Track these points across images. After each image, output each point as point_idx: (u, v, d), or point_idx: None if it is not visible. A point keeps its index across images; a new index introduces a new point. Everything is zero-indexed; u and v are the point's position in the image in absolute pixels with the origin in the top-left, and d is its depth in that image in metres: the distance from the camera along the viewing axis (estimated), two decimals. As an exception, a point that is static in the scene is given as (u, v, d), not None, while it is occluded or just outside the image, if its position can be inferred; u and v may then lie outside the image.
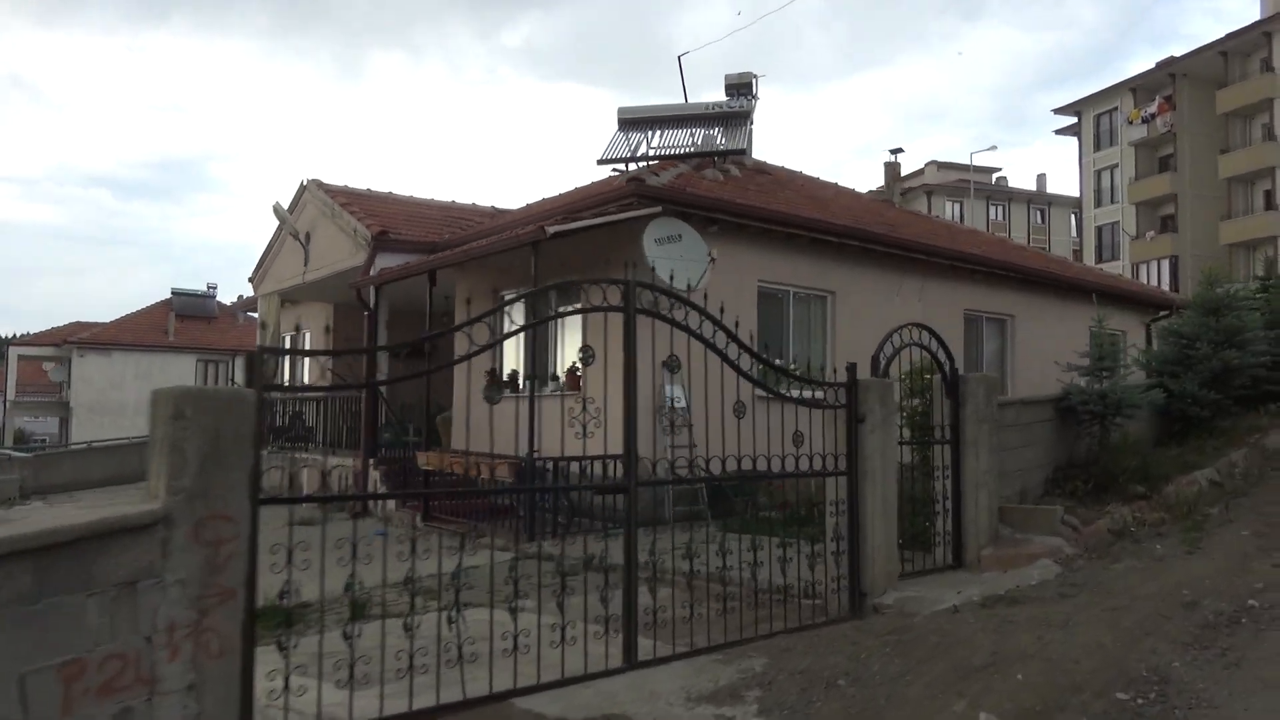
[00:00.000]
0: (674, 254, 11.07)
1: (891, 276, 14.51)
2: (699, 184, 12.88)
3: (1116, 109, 49.56)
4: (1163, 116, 46.33)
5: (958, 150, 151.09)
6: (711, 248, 11.16)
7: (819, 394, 6.92)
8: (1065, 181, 54.19)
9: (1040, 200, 72.68)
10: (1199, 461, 10.29)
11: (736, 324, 6.47)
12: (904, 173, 76.61)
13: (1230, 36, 42.94)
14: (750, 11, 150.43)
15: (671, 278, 11.01)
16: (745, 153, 14.89)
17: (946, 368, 8.13)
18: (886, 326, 14.92)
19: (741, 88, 15.84)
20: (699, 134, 15.35)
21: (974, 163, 53.74)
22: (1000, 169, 78.82)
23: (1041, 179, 76.03)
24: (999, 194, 71.91)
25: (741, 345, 6.40)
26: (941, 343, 8.11)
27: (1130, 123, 48.14)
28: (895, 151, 20.38)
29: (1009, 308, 16.58)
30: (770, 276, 12.89)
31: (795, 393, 6.64)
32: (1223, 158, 43.51)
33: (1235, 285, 28.81)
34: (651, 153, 14.75)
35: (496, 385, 14.15)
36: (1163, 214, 47.60)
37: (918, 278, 14.82)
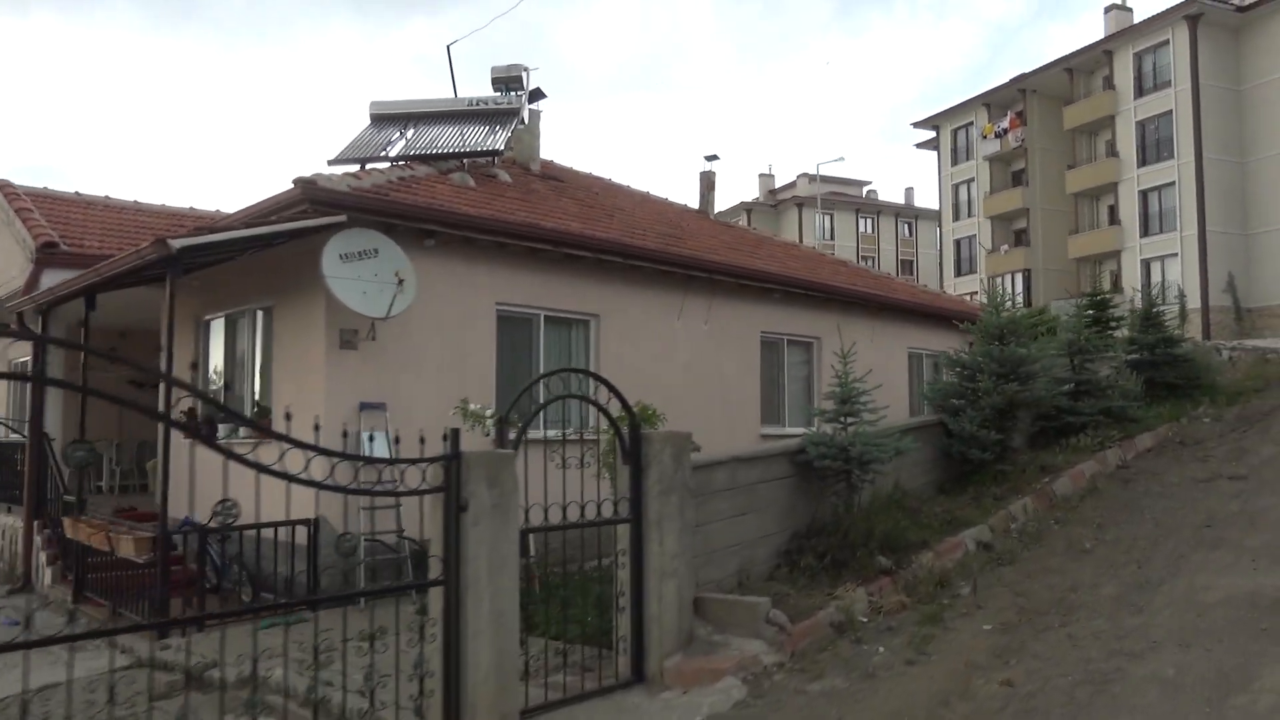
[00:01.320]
0: (365, 273, 9.06)
1: (672, 296, 12.84)
2: (430, 189, 10.91)
3: (972, 124, 50.01)
4: (1014, 132, 46.87)
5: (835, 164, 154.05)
6: (405, 267, 9.17)
7: (423, 472, 5.02)
8: (932, 195, 54.57)
9: (908, 214, 73.69)
10: (971, 517, 8.86)
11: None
12: (777, 185, 77.00)
13: (1075, 54, 43.65)
14: (648, 20, 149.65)
15: (364, 300, 9.05)
16: (500, 153, 12.99)
17: (625, 428, 6.35)
18: (667, 353, 13.47)
19: (510, 81, 13.98)
20: (468, 132, 13.40)
21: (820, 173, 53.49)
22: (870, 182, 79.90)
23: (910, 193, 77.27)
24: (868, 207, 72.56)
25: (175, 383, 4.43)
26: (615, 392, 6.32)
27: (984, 138, 48.60)
28: (710, 159, 18.86)
29: (815, 329, 15.17)
30: (514, 298, 11.01)
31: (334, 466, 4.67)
32: (1070, 173, 44.18)
33: (1060, 302, 27.74)
34: (398, 152, 12.72)
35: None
36: (1016, 228, 48.17)
37: (703, 297, 13.21)
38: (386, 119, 13.77)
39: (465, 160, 12.83)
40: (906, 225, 72.43)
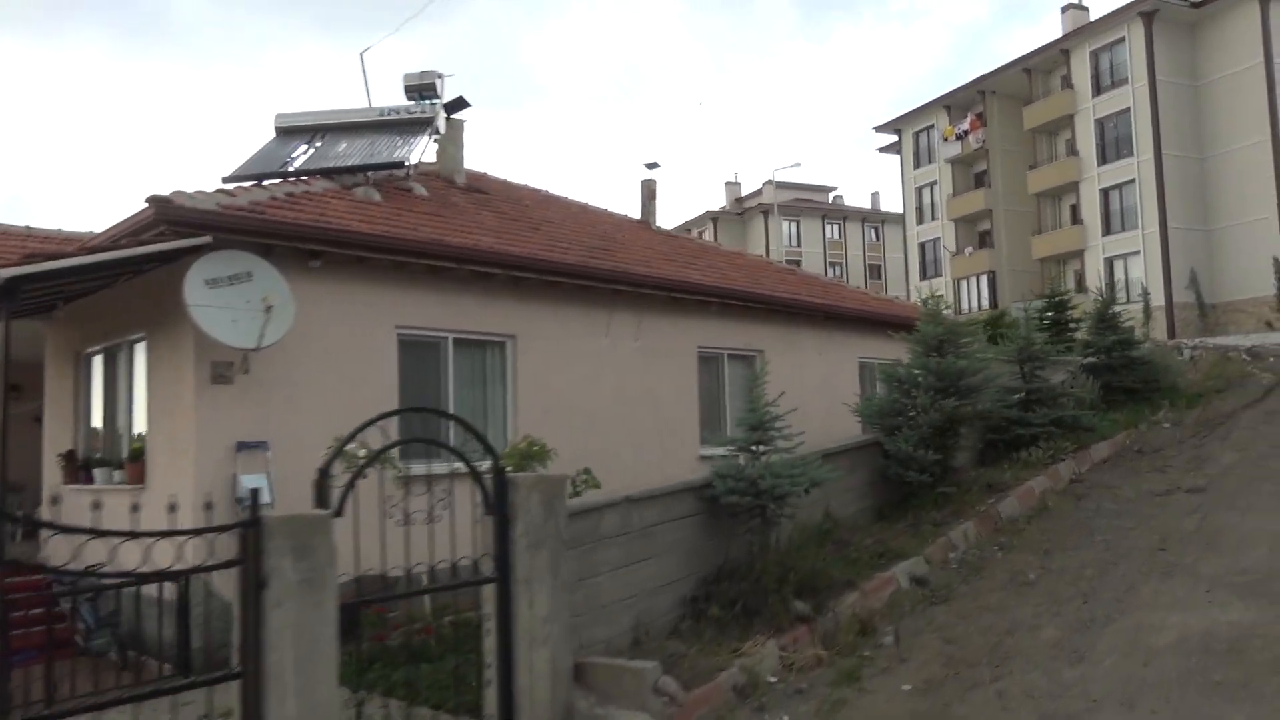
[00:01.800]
0: (236, 300, 8.20)
1: (598, 313, 12.05)
2: (322, 206, 10.06)
3: (933, 126, 49.70)
4: (975, 133, 46.57)
5: (801, 171, 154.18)
6: (279, 291, 8.31)
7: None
8: (899, 199, 54.18)
9: (875, 218, 73.40)
10: (905, 548, 8.11)
11: None
12: (744, 193, 76.57)
13: (1033, 54, 43.43)
14: (618, 32, 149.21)
15: (234, 329, 8.19)
16: (409, 165, 12.14)
17: (486, 472, 5.53)
18: (593, 374, 12.54)
19: (424, 89, 13.16)
20: (379, 143, 12.56)
21: (779, 180, 53.13)
22: (837, 188, 79.75)
23: (876, 197, 77.06)
24: (835, 213, 72.25)
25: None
26: (473, 432, 5.50)
27: (945, 140, 48.28)
28: (651, 166, 18.14)
29: (758, 342, 14.42)
30: (418, 320, 10.16)
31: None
32: (1031, 173, 43.89)
33: (1021, 304, 26.92)
34: (300, 166, 11.86)
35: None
36: (980, 230, 47.84)
37: (633, 313, 12.42)
38: (293, 131, 12.91)
39: (373, 174, 11.99)
40: (873, 230, 72.15)
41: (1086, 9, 43.64)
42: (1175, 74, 38.57)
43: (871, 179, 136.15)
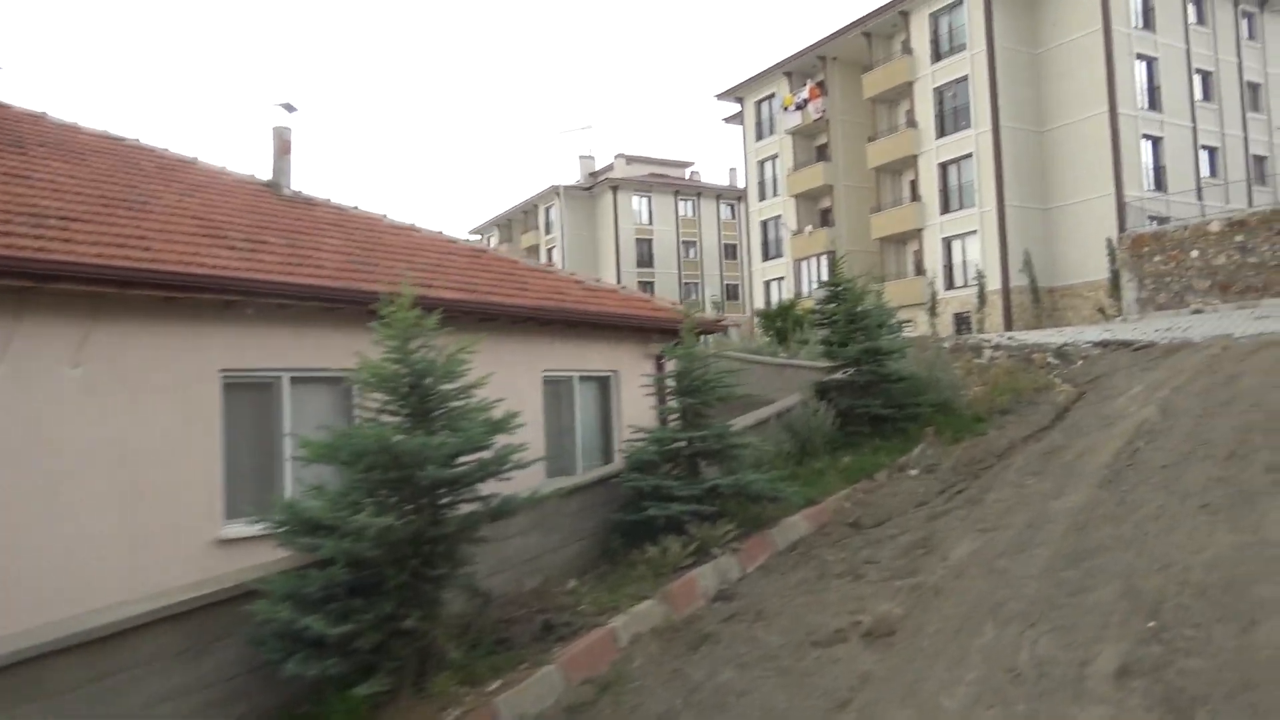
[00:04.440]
0: None
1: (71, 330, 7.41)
2: None
3: (774, 95, 46.20)
4: (815, 103, 43.20)
5: (662, 144, 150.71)
6: None
7: None
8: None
9: (730, 195, 69.99)
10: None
11: None
12: (596, 168, 72.23)
13: (872, 15, 40.19)
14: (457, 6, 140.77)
15: None
16: None
17: None
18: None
19: None
20: None
21: (626, 153, 49.09)
22: (693, 164, 76.03)
23: (734, 173, 73.68)
24: (688, 189, 68.49)
25: None
26: None
27: (786, 109, 44.81)
28: (287, 107, 13.40)
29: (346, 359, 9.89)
30: None
31: None
32: (870, 146, 40.78)
33: (822, 291, 21.91)
34: None
35: None
36: (821, 207, 44.65)
37: (74, 323, 7.76)
38: None
39: None
40: (729, 207, 68.73)
41: (928, -30, 40.66)
42: (1015, 40, 35.84)
43: (732, 154, 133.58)
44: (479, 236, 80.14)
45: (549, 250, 67.88)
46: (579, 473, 11.14)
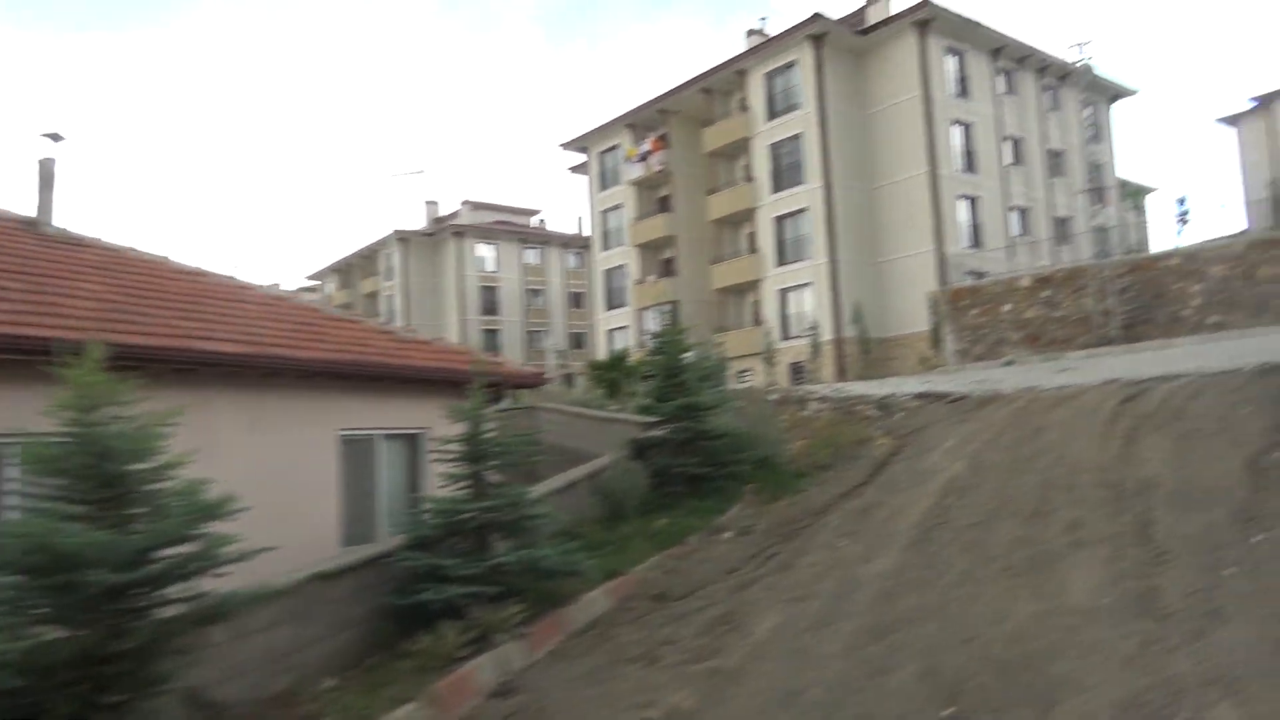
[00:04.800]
0: None
1: None
2: None
3: (618, 146, 46.51)
4: (656, 155, 43.72)
5: (512, 192, 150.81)
6: None
7: None
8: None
9: (576, 244, 69.94)
10: None
11: None
12: (443, 214, 70.79)
13: (711, 73, 41.16)
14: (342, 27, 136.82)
15: None
16: None
17: None
18: None
19: None
20: None
21: (472, 199, 48.28)
22: (540, 211, 75.75)
23: (581, 222, 73.82)
24: (535, 237, 68.00)
25: None
26: None
27: (629, 160, 45.16)
28: (53, 138, 11.96)
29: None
30: None
31: None
32: (710, 198, 41.49)
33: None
34: None
35: None
36: (664, 257, 45.00)
37: None
38: None
39: None
40: (576, 256, 68.59)
41: (763, 33, 42.16)
42: (844, 101, 37.39)
43: (579, 203, 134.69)
44: (316, 283, 76.79)
45: (389, 297, 65.73)
46: (382, 541, 10.13)
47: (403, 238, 64.26)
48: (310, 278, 77.15)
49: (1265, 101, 58.09)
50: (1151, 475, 8.91)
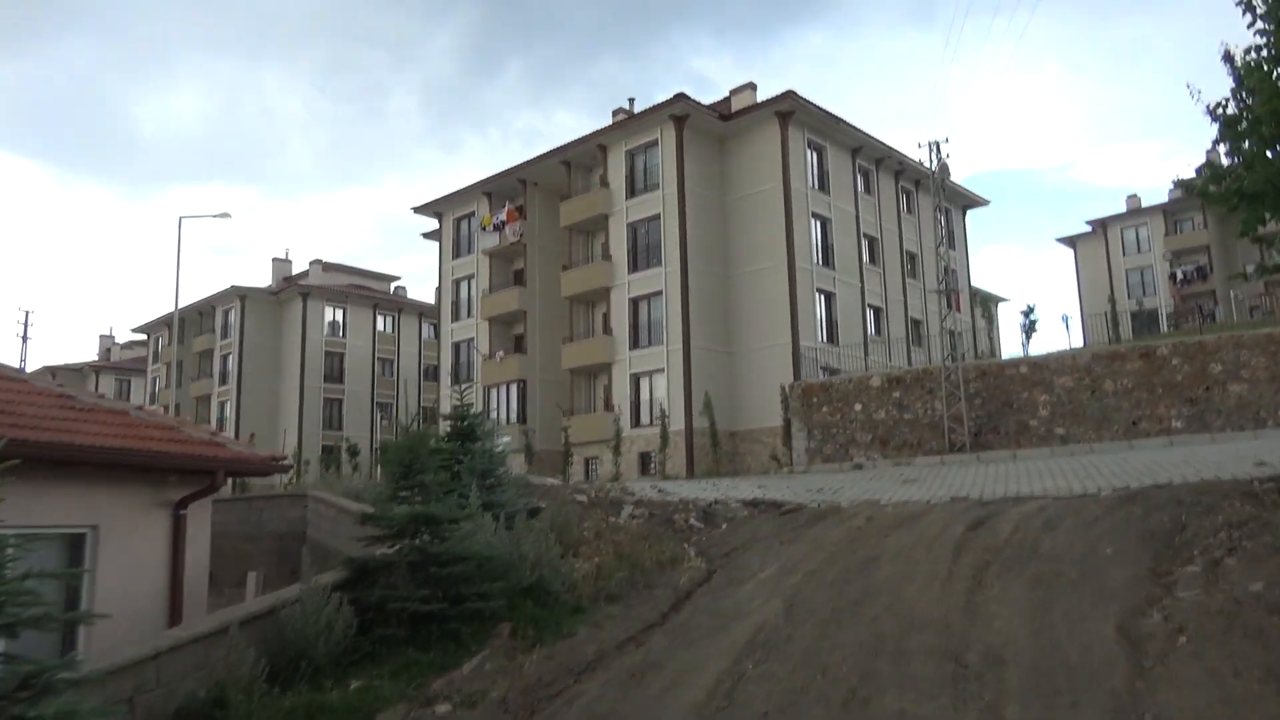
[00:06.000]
0: None
1: None
2: None
3: (474, 213, 44.18)
4: (512, 225, 41.55)
5: (371, 257, 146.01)
6: None
7: None
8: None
9: (434, 314, 66.62)
10: None
11: None
12: (293, 272, 66.35)
13: (572, 145, 39.56)
14: (235, 108, 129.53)
15: None
16: None
17: None
18: None
19: None
20: None
21: (324, 259, 44.71)
22: (400, 278, 72.32)
23: (439, 292, 70.63)
24: (388, 304, 64.38)
25: None
26: None
27: (484, 229, 42.82)
28: None
29: None
30: None
31: None
32: (565, 275, 39.42)
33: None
34: None
35: None
36: (515, 332, 42.48)
37: None
38: None
39: None
40: (432, 326, 65.22)
41: (629, 112, 41.08)
42: (705, 185, 36.31)
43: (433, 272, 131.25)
44: (144, 336, 70.53)
45: (224, 356, 60.55)
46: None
47: (243, 294, 59.57)
48: (136, 330, 70.96)
49: (1098, 226, 61.61)
50: (1002, 641, 6.82)
